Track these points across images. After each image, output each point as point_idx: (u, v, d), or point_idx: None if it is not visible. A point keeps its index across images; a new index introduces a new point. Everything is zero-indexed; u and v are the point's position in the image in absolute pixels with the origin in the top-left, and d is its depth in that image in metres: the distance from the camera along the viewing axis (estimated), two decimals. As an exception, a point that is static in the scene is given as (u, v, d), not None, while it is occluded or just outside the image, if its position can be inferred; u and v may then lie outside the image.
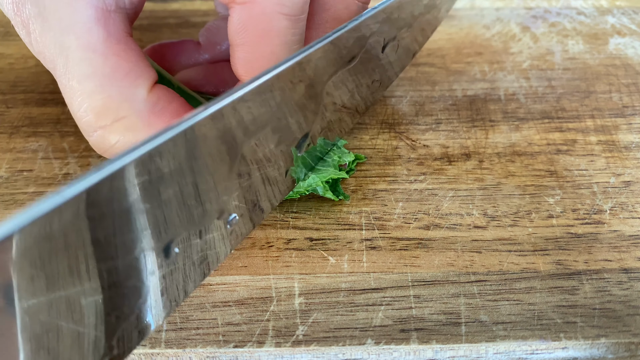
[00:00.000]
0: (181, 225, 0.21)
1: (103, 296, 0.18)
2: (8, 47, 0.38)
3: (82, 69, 0.24)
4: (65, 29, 0.23)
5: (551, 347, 0.24)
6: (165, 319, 0.22)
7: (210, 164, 0.21)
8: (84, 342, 0.18)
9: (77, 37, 0.23)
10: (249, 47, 0.24)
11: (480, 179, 0.29)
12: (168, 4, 0.41)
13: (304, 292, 0.25)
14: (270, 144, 0.24)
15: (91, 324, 0.18)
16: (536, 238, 0.27)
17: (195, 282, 0.22)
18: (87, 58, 0.24)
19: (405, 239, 0.27)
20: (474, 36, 0.39)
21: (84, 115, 0.24)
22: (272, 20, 0.24)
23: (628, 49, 0.38)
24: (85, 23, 0.24)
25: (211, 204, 0.22)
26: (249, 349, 0.23)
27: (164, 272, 0.21)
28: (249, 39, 0.24)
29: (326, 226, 0.27)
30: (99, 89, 0.24)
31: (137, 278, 0.20)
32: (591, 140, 0.32)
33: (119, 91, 0.24)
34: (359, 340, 0.23)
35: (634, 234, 0.27)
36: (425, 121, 0.33)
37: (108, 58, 0.24)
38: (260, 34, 0.24)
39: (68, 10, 0.23)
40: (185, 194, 0.20)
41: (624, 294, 0.25)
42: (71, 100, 0.24)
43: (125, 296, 0.20)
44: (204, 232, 0.22)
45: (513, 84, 0.35)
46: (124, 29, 0.25)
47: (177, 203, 0.20)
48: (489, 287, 0.25)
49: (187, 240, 0.21)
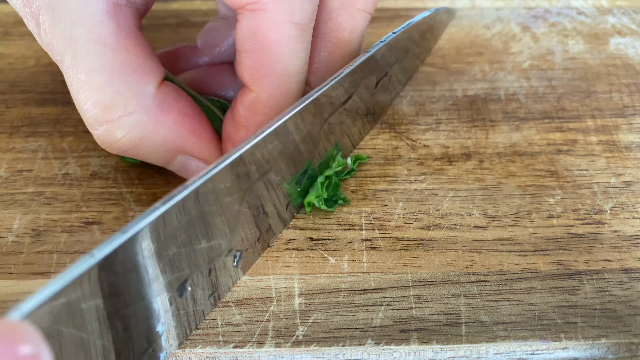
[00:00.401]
0: (193, 265, 0.22)
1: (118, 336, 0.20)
2: (8, 47, 0.38)
3: (91, 62, 0.23)
4: (75, 21, 0.23)
5: (551, 348, 0.23)
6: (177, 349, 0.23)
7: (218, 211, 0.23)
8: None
9: (87, 30, 0.23)
10: (257, 54, 0.24)
11: (480, 179, 0.29)
12: (168, 4, 0.41)
13: (304, 293, 0.25)
14: (273, 183, 0.25)
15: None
16: (537, 238, 0.27)
17: (205, 312, 0.24)
18: (97, 51, 0.23)
19: (405, 239, 0.27)
20: (474, 36, 0.39)
21: (91, 108, 0.24)
22: (281, 28, 0.24)
23: (628, 49, 0.38)
24: (96, 15, 0.23)
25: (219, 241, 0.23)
26: (249, 350, 0.23)
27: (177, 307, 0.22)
28: (258, 46, 0.24)
29: (326, 226, 0.27)
30: (108, 82, 0.24)
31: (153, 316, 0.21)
32: (592, 140, 0.32)
33: (128, 86, 0.24)
34: (359, 340, 0.23)
35: (635, 234, 0.27)
36: (425, 121, 0.33)
37: (118, 52, 0.24)
38: (269, 42, 0.24)
39: (79, 2, 0.23)
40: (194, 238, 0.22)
41: (625, 294, 0.25)
42: (78, 93, 0.24)
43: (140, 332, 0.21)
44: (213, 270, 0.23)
45: (513, 84, 0.35)
46: (134, 24, 0.25)
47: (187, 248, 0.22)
48: (489, 288, 0.25)
49: (198, 277, 0.23)
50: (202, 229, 0.22)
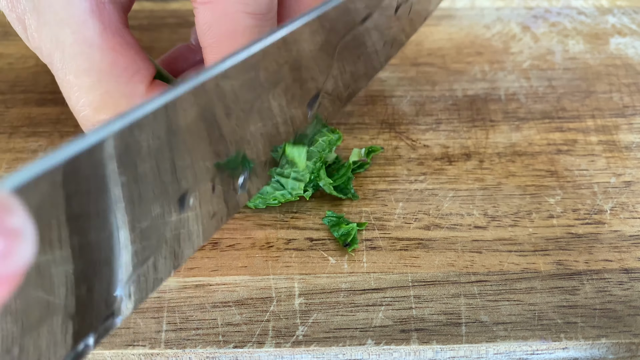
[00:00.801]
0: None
1: (75, 267, 0.18)
2: (7, 47, 0.38)
3: (79, 63, 0.23)
4: (60, 23, 0.23)
5: (552, 348, 0.23)
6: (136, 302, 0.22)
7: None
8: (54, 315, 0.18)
9: (72, 31, 0.23)
10: (217, 47, 0.24)
11: (480, 179, 0.29)
12: (168, 4, 0.41)
13: (304, 293, 0.25)
14: (284, 102, 0.24)
15: (61, 294, 0.18)
16: (537, 238, 0.27)
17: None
18: (84, 52, 0.23)
19: (405, 239, 0.27)
20: (474, 36, 0.39)
21: (82, 109, 0.24)
22: (236, 19, 0.23)
23: (629, 49, 0.38)
24: (80, 16, 0.23)
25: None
26: (249, 350, 0.23)
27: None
28: (215, 39, 0.24)
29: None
30: (97, 84, 0.24)
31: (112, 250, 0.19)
32: (592, 140, 0.31)
33: (117, 86, 0.24)
34: (359, 340, 0.23)
35: (635, 234, 0.27)
36: (425, 121, 0.33)
37: (105, 52, 0.24)
38: (225, 34, 0.24)
39: (62, 3, 0.23)
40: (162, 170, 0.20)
41: (625, 294, 0.25)
42: (69, 95, 0.24)
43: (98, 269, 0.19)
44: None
45: (513, 84, 0.35)
46: (120, 20, 0.25)
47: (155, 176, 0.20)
48: (489, 288, 0.25)
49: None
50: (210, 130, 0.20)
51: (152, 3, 0.41)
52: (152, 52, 0.37)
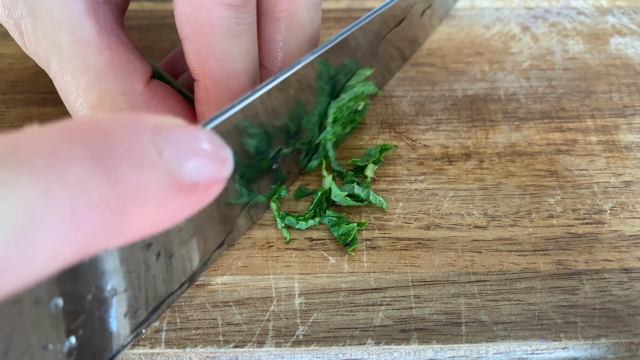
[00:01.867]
0: None
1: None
2: (8, 47, 0.38)
3: (76, 63, 0.24)
4: (56, 25, 0.23)
5: (551, 347, 0.24)
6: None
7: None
8: None
9: (69, 32, 0.23)
10: (194, 38, 0.24)
11: (480, 179, 0.29)
12: (168, 4, 0.41)
13: (304, 292, 0.25)
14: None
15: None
16: (536, 238, 0.27)
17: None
18: (81, 52, 0.24)
19: (405, 239, 0.27)
20: (474, 36, 0.39)
21: (80, 109, 0.24)
22: (211, 10, 0.23)
23: (628, 49, 0.38)
24: (76, 17, 0.24)
25: None
26: (249, 349, 0.23)
27: None
28: (192, 30, 0.24)
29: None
30: (94, 83, 0.24)
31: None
32: (591, 140, 0.32)
33: (114, 85, 0.24)
34: (359, 340, 0.23)
35: (634, 233, 0.27)
36: (425, 121, 0.33)
37: (101, 52, 0.24)
38: (201, 25, 0.23)
39: (58, 5, 0.23)
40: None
41: (625, 294, 0.25)
42: (67, 95, 0.24)
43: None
44: None
45: (513, 84, 0.35)
46: (115, 20, 0.25)
47: None
48: (489, 287, 0.25)
49: None
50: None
51: (152, 3, 0.41)
52: (153, 52, 0.37)
